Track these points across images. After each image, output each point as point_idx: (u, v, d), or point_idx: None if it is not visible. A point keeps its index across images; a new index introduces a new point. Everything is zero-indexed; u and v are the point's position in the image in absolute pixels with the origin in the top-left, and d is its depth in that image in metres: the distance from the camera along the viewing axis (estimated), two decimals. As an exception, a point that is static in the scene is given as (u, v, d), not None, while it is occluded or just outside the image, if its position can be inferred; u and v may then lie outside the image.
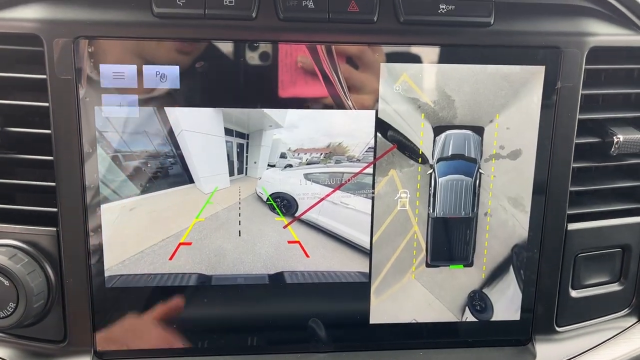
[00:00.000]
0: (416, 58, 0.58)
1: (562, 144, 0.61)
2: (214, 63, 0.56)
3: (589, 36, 0.59)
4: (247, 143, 0.59)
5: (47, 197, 0.58)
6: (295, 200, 0.61)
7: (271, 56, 0.57)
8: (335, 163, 0.60)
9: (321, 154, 0.60)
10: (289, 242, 0.61)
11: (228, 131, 0.58)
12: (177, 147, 0.58)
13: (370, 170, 0.61)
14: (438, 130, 0.61)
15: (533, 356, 0.65)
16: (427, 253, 0.63)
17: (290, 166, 0.60)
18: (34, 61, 0.55)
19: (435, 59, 0.58)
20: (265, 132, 0.59)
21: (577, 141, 0.62)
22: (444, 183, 0.62)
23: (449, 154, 0.61)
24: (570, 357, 0.66)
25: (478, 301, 0.65)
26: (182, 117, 0.57)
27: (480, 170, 0.62)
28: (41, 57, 0.54)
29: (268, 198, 0.61)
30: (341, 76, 0.58)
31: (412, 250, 0.63)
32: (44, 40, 0.54)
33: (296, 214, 0.61)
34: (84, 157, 0.56)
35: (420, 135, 0.61)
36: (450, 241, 0.63)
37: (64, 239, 0.58)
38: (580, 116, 0.61)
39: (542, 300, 0.65)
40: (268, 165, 0.60)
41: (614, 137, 0.62)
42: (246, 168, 0.60)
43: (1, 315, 0.55)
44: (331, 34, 0.57)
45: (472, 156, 0.61)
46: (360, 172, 0.61)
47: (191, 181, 0.59)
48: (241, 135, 0.59)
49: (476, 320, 0.65)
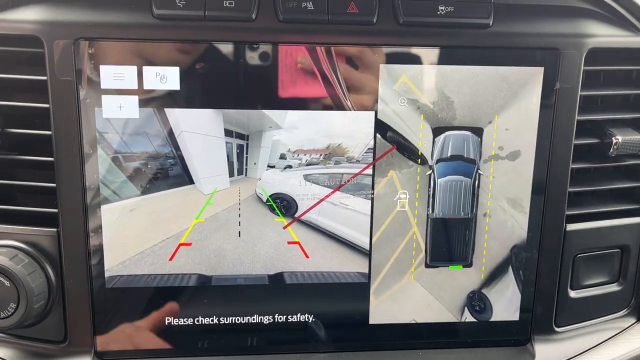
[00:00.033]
0: (415, 59, 0.58)
1: (561, 145, 0.61)
2: (214, 64, 0.56)
3: (588, 37, 0.60)
4: (247, 144, 0.59)
5: (48, 198, 0.58)
6: (295, 201, 0.61)
7: (271, 57, 0.57)
8: (334, 164, 0.60)
9: (321, 155, 0.60)
10: (289, 243, 0.61)
11: (228, 132, 0.58)
12: (177, 148, 0.58)
13: (369, 171, 0.61)
14: (437, 131, 0.61)
15: (532, 356, 0.65)
16: (427, 254, 0.64)
17: (290, 167, 0.60)
18: (35, 62, 0.55)
19: (434, 60, 0.59)
20: (265, 133, 0.59)
21: (576, 142, 0.62)
22: (443, 184, 0.62)
23: (448, 155, 0.61)
24: (569, 358, 0.66)
25: (477, 301, 0.65)
26: (182, 118, 0.57)
27: (479, 171, 0.62)
28: (42, 59, 0.55)
29: (268, 199, 0.61)
30: (341, 77, 0.58)
31: (412, 250, 0.63)
32: (45, 41, 0.54)
33: (296, 215, 0.61)
34: (85, 158, 0.57)
35: (419, 136, 0.61)
36: (449, 242, 0.63)
37: (65, 240, 0.58)
38: (579, 117, 0.61)
39: (541, 300, 0.65)
40: (268, 166, 0.60)
41: (613, 138, 0.62)
42: (246, 169, 0.60)
43: (2, 315, 0.55)
44: (331, 36, 0.57)
45: (471, 157, 0.61)
46: (359, 173, 0.61)
47: (191, 182, 0.59)
48: (241, 136, 0.59)
49: (475, 320, 0.66)
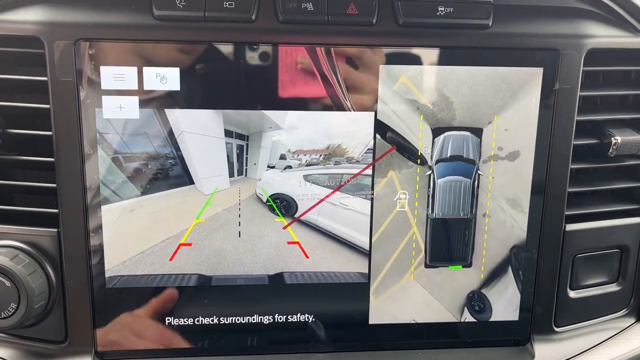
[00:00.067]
0: (415, 60, 0.58)
1: (561, 145, 0.62)
2: (214, 65, 0.56)
3: (587, 38, 0.60)
4: (247, 144, 0.59)
5: (48, 198, 0.58)
6: (294, 201, 0.61)
7: (271, 58, 0.57)
8: (334, 164, 0.60)
9: (320, 156, 0.60)
10: (289, 243, 0.62)
11: (228, 133, 0.58)
12: (177, 149, 0.58)
13: (369, 171, 0.61)
14: (437, 131, 0.61)
15: (532, 356, 0.66)
16: (426, 254, 0.64)
17: (289, 167, 0.60)
18: (35, 63, 0.55)
19: (434, 61, 0.59)
20: (265, 134, 0.59)
21: (575, 142, 0.62)
22: (443, 184, 0.62)
23: (448, 155, 0.61)
24: (568, 357, 0.66)
25: (477, 301, 0.65)
26: (183, 119, 0.57)
27: (478, 171, 0.62)
28: (42, 59, 0.55)
29: (268, 199, 0.61)
30: (340, 78, 0.58)
31: (411, 250, 0.63)
32: (45, 42, 0.54)
33: (296, 215, 0.61)
34: (85, 159, 0.57)
35: (419, 136, 0.61)
36: (449, 242, 0.64)
37: (65, 240, 0.58)
38: (578, 117, 0.61)
39: (541, 300, 0.65)
40: (268, 166, 0.60)
41: (612, 139, 0.62)
42: (246, 169, 0.60)
43: (2, 315, 0.55)
44: (330, 36, 0.57)
45: (471, 157, 0.62)
46: (359, 174, 0.61)
47: (191, 182, 0.59)
48: (241, 136, 0.59)
49: (475, 320, 0.66)
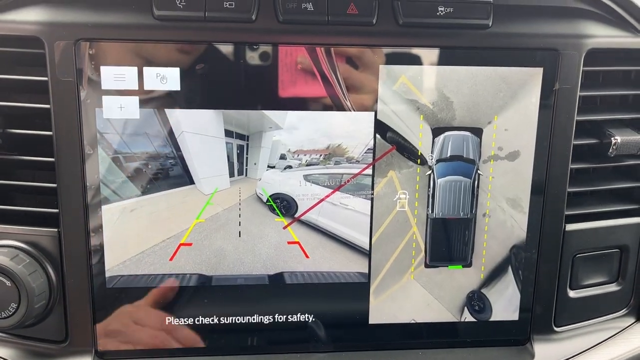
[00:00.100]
0: (415, 60, 0.59)
1: (560, 145, 0.62)
2: (214, 65, 0.56)
3: (587, 38, 0.60)
4: (247, 144, 0.59)
5: (48, 198, 0.58)
6: (295, 201, 0.61)
7: (271, 58, 0.57)
8: (334, 164, 0.60)
9: (321, 155, 0.60)
10: (289, 243, 0.62)
11: (228, 133, 0.58)
12: (178, 149, 0.58)
13: (369, 171, 0.61)
14: (437, 131, 0.61)
15: (531, 356, 0.66)
16: (426, 253, 0.64)
17: (290, 167, 0.60)
18: (36, 63, 0.56)
19: (434, 61, 0.59)
20: (265, 134, 0.59)
21: (575, 142, 0.62)
22: (443, 184, 0.62)
23: (448, 155, 0.61)
24: (568, 357, 0.66)
25: (477, 301, 0.65)
26: (183, 119, 0.57)
27: (478, 171, 0.62)
28: (42, 59, 0.55)
29: (268, 199, 0.61)
30: (340, 78, 0.58)
31: (411, 250, 0.64)
32: (45, 42, 0.54)
33: (296, 215, 0.61)
34: (85, 158, 0.57)
35: (419, 136, 0.61)
36: (449, 242, 0.64)
37: (65, 240, 0.58)
38: (578, 117, 0.61)
39: (541, 300, 0.65)
40: (268, 166, 0.60)
41: (612, 139, 0.62)
42: (246, 169, 0.60)
43: (3, 315, 0.55)
44: (330, 36, 0.57)
45: (471, 157, 0.62)
46: (359, 173, 0.61)
47: (191, 182, 0.59)
48: (241, 136, 0.59)
49: (475, 320, 0.66)
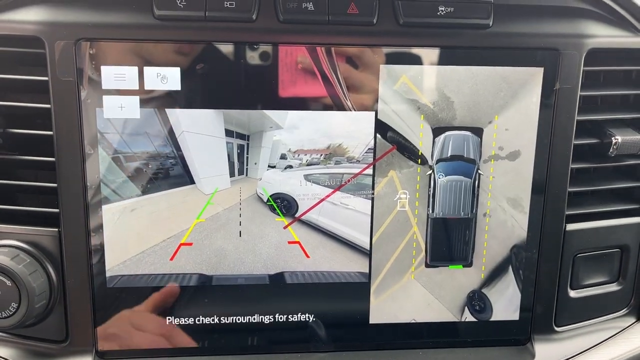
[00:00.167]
0: (416, 59, 0.59)
1: (561, 145, 0.62)
2: (215, 65, 0.56)
3: (588, 38, 0.60)
4: (248, 144, 0.59)
5: (49, 198, 0.58)
6: (295, 201, 0.61)
7: (271, 58, 0.57)
8: (335, 164, 0.60)
9: (321, 155, 0.60)
10: (289, 243, 0.62)
11: (229, 132, 0.58)
12: (178, 148, 0.58)
13: (370, 171, 0.61)
14: (437, 131, 0.61)
15: (532, 356, 0.66)
16: (427, 253, 0.64)
17: (290, 167, 0.60)
18: (36, 63, 0.56)
19: (434, 61, 0.59)
20: (265, 134, 0.59)
21: (576, 142, 0.62)
22: (444, 184, 0.62)
23: (448, 155, 0.61)
24: (568, 357, 0.66)
25: (477, 301, 0.65)
26: (183, 119, 0.57)
27: (479, 171, 0.62)
28: (43, 59, 0.55)
29: (268, 199, 0.61)
30: (341, 77, 0.58)
31: (412, 250, 0.64)
32: (46, 42, 0.54)
33: (296, 215, 0.61)
34: (85, 158, 0.57)
35: (419, 136, 0.61)
36: (449, 241, 0.64)
37: (66, 240, 0.58)
38: (578, 117, 0.61)
39: (541, 300, 0.65)
40: (268, 166, 0.60)
41: (613, 138, 0.62)
42: (247, 169, 0.60)
43: (3, 315, 0.55)
44: (331, 36, 0.57)
45: (471, 157, 0.62)
46: (360, 173, 0.61)
47: (192, 182, 0.59)
48: (242, 136, 0.59)
49: (475, 320, 0.66)
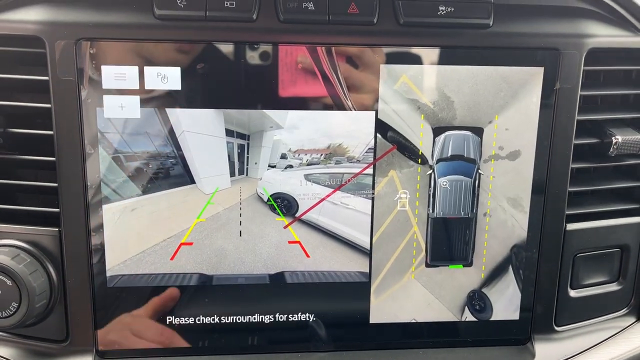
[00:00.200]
0: (416, 59, 0.59)
1: (561, 145, 0.62)
2: (215, 64, 0.56)
3: (588, 38, 0.60)
4: (248, 144, 0.59)
5: (49, 198, 0.58)
6: (295, 200, 0.61)
7: (271, 57, 0.57)
8: (335, 164, 0.60)
9: (321, 155, 0.60)
10: (290, 242, 0.62)
11: (229, 132, 0.58)
12: (179, 148, 0.58)
13: (370, 170, 0.61)
14: (437, 131, 0.61)
15: (532, 355, 0.66)
16: (427, 253, 0.64)
17: (290, 167, 0.60)
18: (36, 63, 0.56)
19: (434, 60, 0.59)
20: (265, 133, 0.59)
21: (576, 142, 0.62)
22: (444, 183, 0.62)
23: (449, 155, 0.61)
24: (569, 357, 0.66)
25: (477, 301, 0.65)
26: (183, 118, 0.57)
27: (479, 170, 0.62)
28: (43, 59, 0.55)
29: (269, 198, 0.61)
30: (341, 77, 0.58)
31: (412, 250, 0.64)
32: (46, 42, 0.54)
33: (297, 215, 0.61)
34: (86, 158, 0.57)
35: (420, 136, 0.61)
36: (449, 241, 0.64)
37: (66, 239, 0.58)
38: (579, 117, 0.61)
39: (541, 299, 0.65)
40: (269, 166, 0.60)
41: (613, 138, 0.62)
42: (247, 169, 0.60)
43: (4, 314, 0.55)
44: (331, 36, 0.57)
45: (472, 157, 0.62)
46: (360, 173, 0.61)
47: (192, 182, 0.59)
48: (242, 136, 0.59)
49: (475, 319, 0.66)
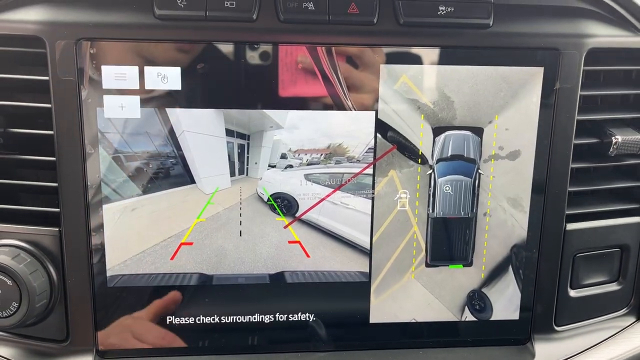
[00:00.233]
0: (416, 59, 0.59)
1: (561, 145, 0.62)
2: (215, 64, 0.56)
3: (588, 38, 0.60)
4: (248, 144, 0.59)
5: (50, 198, 0.58)
6: (295, 200, 0.61)
7: (271, 57, 0.57)
8: (335, 164, 0.60)
9: (321, 155, 0.60)
10: (290, 242, 0.62)
11: (229, 132, 0.58)
12: (179, 148, 0.58)
13: (370, 170, 0.61)
14: (437, 131, 0.61)
15: (532, 355, 0.66)
16: (427, 253, 0.64)
17: (290, 167, 0.60)
18: (37, 63, 0.56)
19: (434, 60, 0.59)
20: (266, 133, 0.59)
21: (576, 142, 0.62)
22: (444, 183, 0.62)
23: (449, 155, 0.61)
24: (568, 357, 0.66)
25: (477, 301, 0.65)
26: (184, 118, 0.57)
27: (479, 170, 0.62)
28: (43, 59, 0.55)
29: (269, 198, 0.61)
30: (341, 77, 0.58)
31: (412, 250, 0.64)
32: (47, 42, 0.54)
33: (297, 214, 0.61)
34: (86, 158, 0.57)
35: (420, 136, 0.61)
36: (449, 241, 0.64)
37: (66, 239, 0.58)
38: (578, 117, 0.61)
39: (541, 299, 0.65)
40: (269, 165, 0.60)
41: (613, 138, 0.62)
42: (247, 169, 0.60)
43: (4, 314, 0.55)
44: (331, 36, 0.57)
45: (472, 157, 0.62)
46: (360, 173, 0.61)
47: (192, 182, 0.59)
48: (242, 136, 0.59)
49: (475, 319, 0.66)
